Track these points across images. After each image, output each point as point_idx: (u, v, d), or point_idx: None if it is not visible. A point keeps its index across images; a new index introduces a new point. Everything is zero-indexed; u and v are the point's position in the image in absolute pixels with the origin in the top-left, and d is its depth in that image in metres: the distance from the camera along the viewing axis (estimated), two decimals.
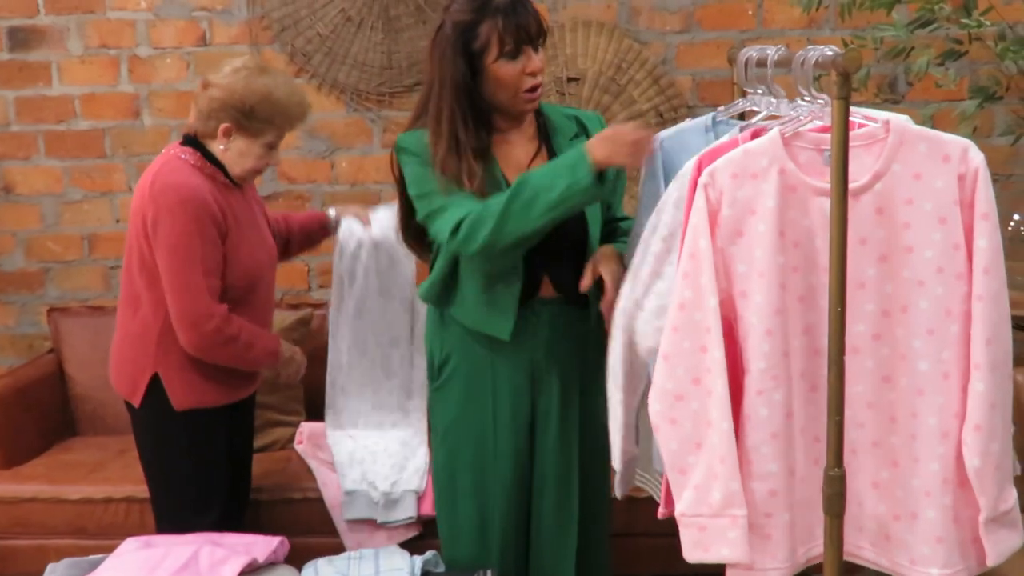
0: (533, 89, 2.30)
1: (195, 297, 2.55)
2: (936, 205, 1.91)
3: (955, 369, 1.93)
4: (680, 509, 2.00)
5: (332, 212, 3.19)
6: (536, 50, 2.29)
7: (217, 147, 2.63)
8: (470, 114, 2.28)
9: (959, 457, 1.94)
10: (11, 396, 3.50)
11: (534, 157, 2.39)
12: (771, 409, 1.96)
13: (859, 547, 2.07)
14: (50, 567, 2.46)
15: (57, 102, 3.93)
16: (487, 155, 2.32)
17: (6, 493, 3.26)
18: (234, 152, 2.62)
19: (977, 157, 1.90)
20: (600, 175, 2.13)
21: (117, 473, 3.31)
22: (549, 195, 2.12)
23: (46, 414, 3.66)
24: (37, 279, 4.06)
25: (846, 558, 2.06)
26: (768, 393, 1.96)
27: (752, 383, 1.96)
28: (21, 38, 3.89)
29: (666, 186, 2.14)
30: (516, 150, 2.38)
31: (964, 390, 1.93)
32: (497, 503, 2.44)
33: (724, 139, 2.13)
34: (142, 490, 2.88)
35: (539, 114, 2.43)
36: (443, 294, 2.42)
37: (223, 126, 2.59)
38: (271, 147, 2.66)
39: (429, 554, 2.46)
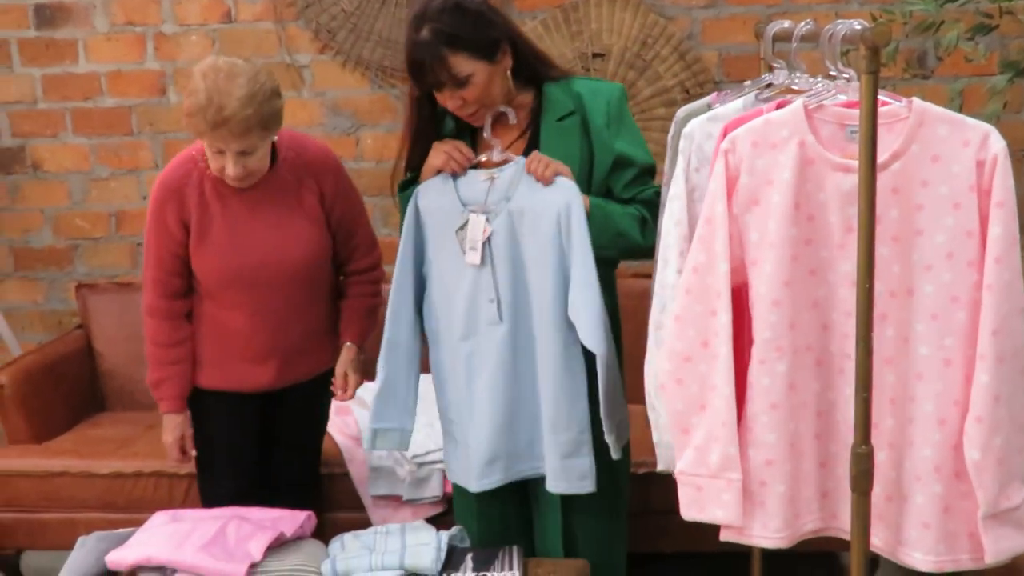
0: (467, 112, 2.35)
1: (143, 282, 2.70)
2: (952, 190, 1.89)
3: (959, 357, 1.91)
4: (680, 467, 2.06)
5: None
6: (460, 87, 2.28)
7: None
8: (428, 124, 2.41)
9: (957, 447, 1.92)
10: (40, 372, 3.54)
11: (511, 144, 2.40)
12: (772, 379, 1.98)
13: (847, 524, 2.06)
14: (80, 540, 2.48)
15: (83, 79, 3.94)
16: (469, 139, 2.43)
17: (37, 467, 3.30)
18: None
19: (998, 144, 1.87)
20: None
21: (146, 448, 3.34)
22: None
23: (75, 389, 3.70)
24: (65, 256, 4.09)
25: (836, 534, 2.08)
26: (771, 363, 1.98)
27: (757, 352, 1.99)
28: (47, 15, 3.90)
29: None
30: (499, 136, 2.38)
31: (968, 380, 1.91)
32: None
33: (751, 109, 2.14)
34: (171, 465, 2.91)
35: (539, 94, 2.41)
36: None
37: None
38: (216, 152, 2.49)
39: (455, 529, 2.47)
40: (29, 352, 3.69)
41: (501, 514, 2.57)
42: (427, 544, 2.35)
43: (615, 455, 2.40)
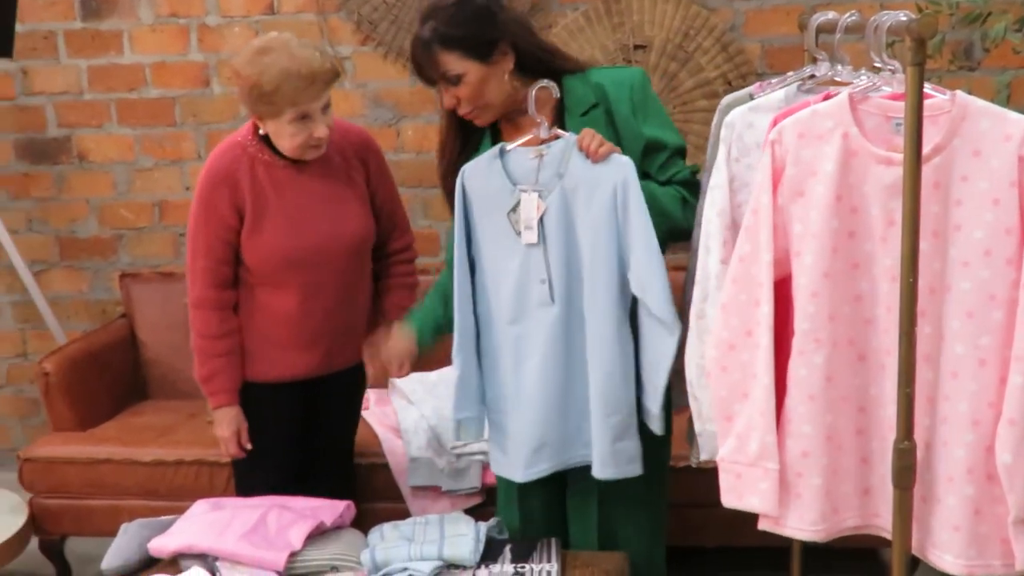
0: (463, 111, 2.36)
1: (187, 269, 2.68)
2: (992, 185, 1.86)
3: (994, 357, 1.89)
4: (721, 454, 2.09)
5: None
6: (453, 84, 2.30)
7: (264, 133, 2.61)
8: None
9: (990, 449, 1.90)
10: (85, 360, 3.57)
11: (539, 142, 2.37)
12: (810, 371, 1.98)
13: (888, 523, 2.05)
14: (123, 527, 2.51)
15: (128, 71, 3.98)
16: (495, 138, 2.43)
17: (81, 454, 3.34)
18: (272, 134, 2.57)
19: None
20: None
21: (187, 436, 3.37)
22: None
23: (118, 378, 3.73)
24: (109, 245, 4.13)
25: (877, 532, 2.06)
26: (809, 355, 1.98)
27: (796, 343, 2.00)
28: (93, 7, 3.94)
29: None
30: (523, 135, 2.37)
31: (1004, 381, 1.88)
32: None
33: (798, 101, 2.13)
34: (212, 453, 2.93)
35: (562, 91, 2.38)
36: None
37: (251, 113, 2.58)
38: (301, 120, 2.51)
39: (493, 521, 2.47)
40: (74, 340, 3.73)
41: (543, 504, 2.56)
42: (465, 535, 2.36)
43: (660, 430, 2.35)
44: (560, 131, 2.32)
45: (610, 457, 2.33)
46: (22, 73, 4.00)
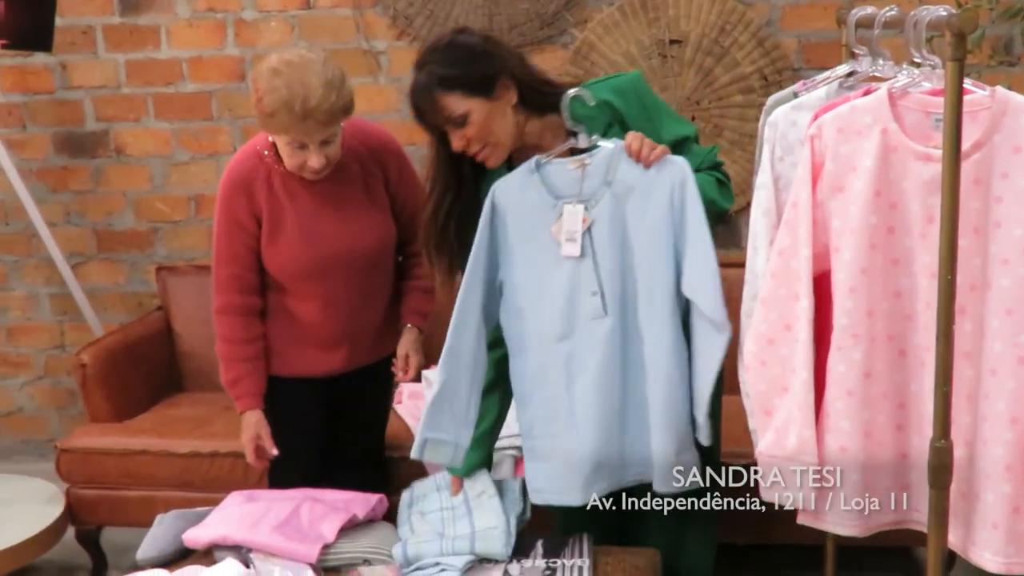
0: (474, 151, 2.29)
1: (213, 280, 2.68)
2: None
3: None
4: (760, 448, 2.10)
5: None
6: (459, 126, 2.24)
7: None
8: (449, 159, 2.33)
9: None
10: (121, 352, 3.60)
11: None
12: (848, 366, 1.98)
13: (926, 519, 2.03)
14: (159, 518, 2.53)
15: (165, 65, 4.01)
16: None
17: (117, 445, 3.37)
18: (278, 146, 2.57)
19: None
20: None
21: (222, 428, 3.39)
22: None
23: (154, 370, 3.76)
24: (146, 238, 4.16)
25: (908, 526, 2.06)
26: (847, 350, 1.98)
27: (835, 338, 2.00)
28: (131, 2, 3.97)
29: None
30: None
31: None
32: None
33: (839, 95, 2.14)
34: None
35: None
36: None
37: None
38: (298, 147, 2.49)
39: (515, 500, 2.44)
40: (111, 332, 3.76)
41: (603, 530, 2.50)
42: (495, 528, 2.35)
43: (707, 440, 2.26)
44: (600, 139, 2.26)
45: (672, 470, 2.25)
46: (61, 67, 4.04)
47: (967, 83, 1.88)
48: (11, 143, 4.03)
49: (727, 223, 2.33)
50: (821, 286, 2.00)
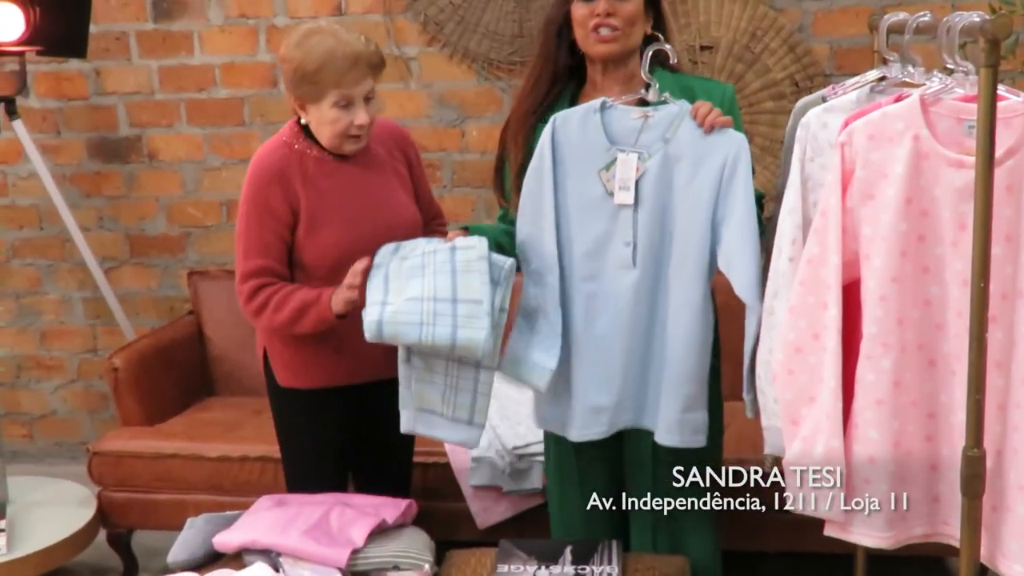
0: (597, 29, 2.33)
1: (236, 272, 2.59)
2: None
3: None
4: (788, 458, 2.07)
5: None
6: None
7: (306, 123, 2.58)
8: (559, 54, 2.41)
9: None
10: (153, 356, 3.63)
11: None
12: (877, 375, 1.96)
13: (957, 531, 2.01)
14: (189, 521, 2.55)
15: (198, 71, 4.04)
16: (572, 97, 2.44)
17: (149, 449, 3.39)
18: (313, 122, 2.55)
19: None
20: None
21: (252, 433, 3.41)
22: None
23: (186, 374, 3.79)
24: (178, 243, 4.19)
25: (946, 540, 2.03)
26: (876, 359, 1.96)
27: (864, 347, 1.98)
28: (164, 8, 4.00)
29: None
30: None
31: None
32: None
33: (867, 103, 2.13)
34: (276, 450, 2.94)
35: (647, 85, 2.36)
36: None
37: (294, 99, 2.56)
38: (343, 106, 2.49)
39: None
40: (142, 336, 3.79)
41: (600, 472, 2.52)
42: (480, 303, 2.23)
43: (751, 413, 2.30)
44: (668, 96, 2.29)
45: (676, 425, 2.30)
46: (95, 73, 4.08)
47: (1002, 90, 1.87)
48: (46, 148, 4.07)
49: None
50: (850, 294, 1.99)
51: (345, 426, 2.73)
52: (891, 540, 2.02)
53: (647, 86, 2.30)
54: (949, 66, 1.98)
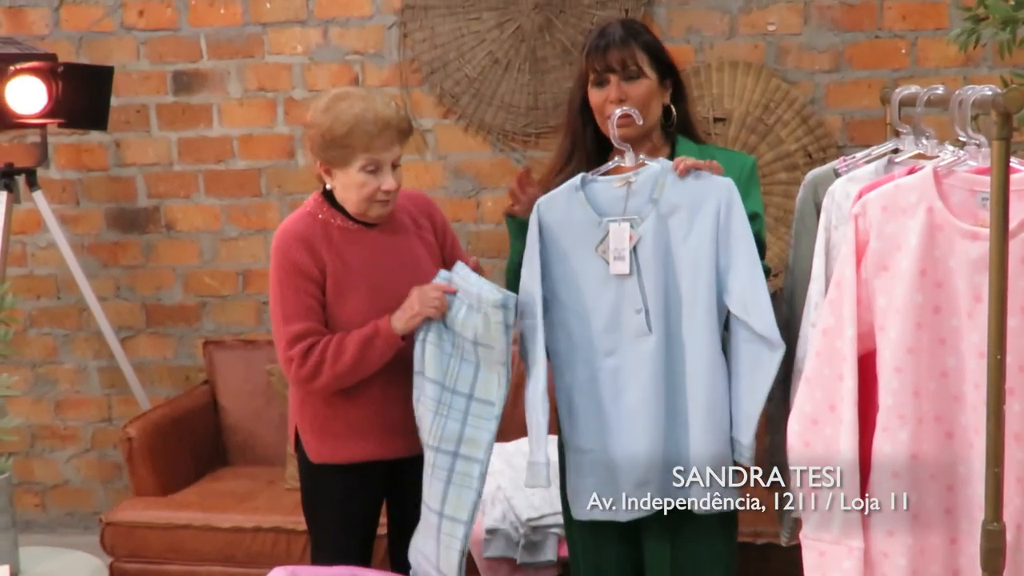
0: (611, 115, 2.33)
1: (279, 344, 2.54)
2: None
3: None
4: (805, 531, 2.05)
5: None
6: (625, 79, 2.32)
7: (331, 188, 2.57)
8: (586, 134, 2.42)
9: None
10: (168, 425, 3.63)
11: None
12: (894, 447, 1.95)
13: None
14: None
15: (217, 143, 4.09)
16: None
17: (161, 519, 3.38)
18: (340, 187, 2.53)
19: None
20: None
21: (266, 503, 3.39)
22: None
23: (200, 443, 3.78)
24: (194, 313, 4.21)
25: None
26: (893, 431, 1.95)
27: (880, 419, 1.96)
28: (185, 81, 4.06)
29: None
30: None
31: None
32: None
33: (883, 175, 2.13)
34: (290, 520, 2.94)
35: (673, 151, 2.39)
36: None
37: (320, 165, 2.55)
38: (371, 171, 2.49)
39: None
40: (157, 406, 3.79)
41: (617, 555, 2.45)
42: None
43: (751, 461, 2.25)
44: (646, 159, 2.30)
45: (709, 488, 2.24)
46: (115, 145, 4.13)
47: (1015, 162, 1.88)
48: (65, 218, 4.11)
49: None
50: (866, 365, 1.98)
51: (374, 503, 2.70)
52: None
53: (621, 152, 2.31)
54: (961, 138, 1.99)
